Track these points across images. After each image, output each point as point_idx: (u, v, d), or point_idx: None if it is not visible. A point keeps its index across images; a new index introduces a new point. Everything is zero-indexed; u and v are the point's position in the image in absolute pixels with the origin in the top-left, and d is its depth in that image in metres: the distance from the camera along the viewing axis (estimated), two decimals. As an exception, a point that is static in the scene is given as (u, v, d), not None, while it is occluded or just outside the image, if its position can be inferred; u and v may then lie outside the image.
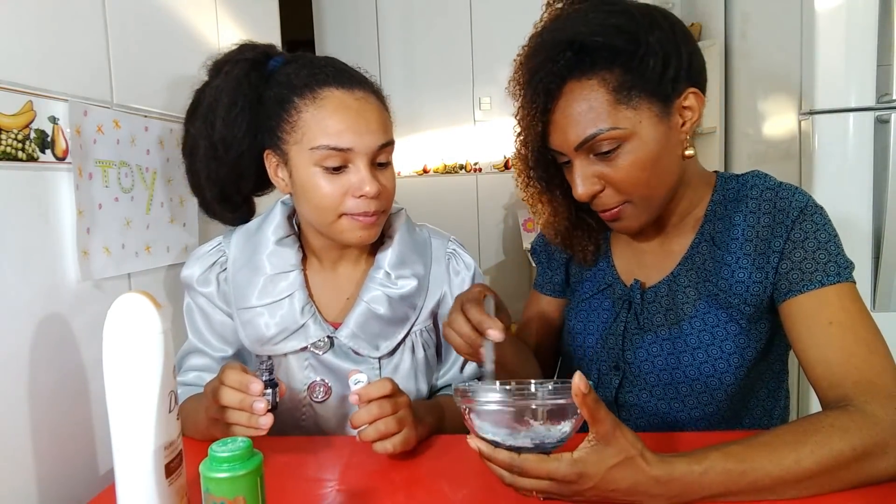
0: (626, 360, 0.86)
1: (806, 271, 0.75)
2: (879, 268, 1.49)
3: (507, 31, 2.80)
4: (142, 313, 0.59)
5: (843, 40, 1.48)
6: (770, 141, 1.86)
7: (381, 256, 0.94)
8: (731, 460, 0.61)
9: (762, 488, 0.61)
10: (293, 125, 0.85)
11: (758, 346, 0.81)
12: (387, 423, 0.74)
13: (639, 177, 0.76)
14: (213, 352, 0.95)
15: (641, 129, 0.75)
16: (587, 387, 0.56)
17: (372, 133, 0.84)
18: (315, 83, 0.85)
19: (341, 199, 0.84)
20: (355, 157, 0.84)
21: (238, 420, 0.72)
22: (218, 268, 0.95)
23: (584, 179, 0.78)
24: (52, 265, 0.85)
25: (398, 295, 0.92)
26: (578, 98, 0.75)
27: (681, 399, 0.83)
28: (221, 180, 0.93)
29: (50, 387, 0.83)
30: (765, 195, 0.80)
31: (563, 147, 0.78)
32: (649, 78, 0.75)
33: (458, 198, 2.97)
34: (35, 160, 0.82)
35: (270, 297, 0.91)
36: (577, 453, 0.59)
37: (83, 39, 0.93)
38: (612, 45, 0.74)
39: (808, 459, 0.61)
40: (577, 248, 0.93)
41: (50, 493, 0.82)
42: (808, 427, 0.64)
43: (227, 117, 0.88)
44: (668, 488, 0.60)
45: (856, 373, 0.69)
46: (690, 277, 0.84)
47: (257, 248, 0.93)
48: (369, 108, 0.86)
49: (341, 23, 2.95)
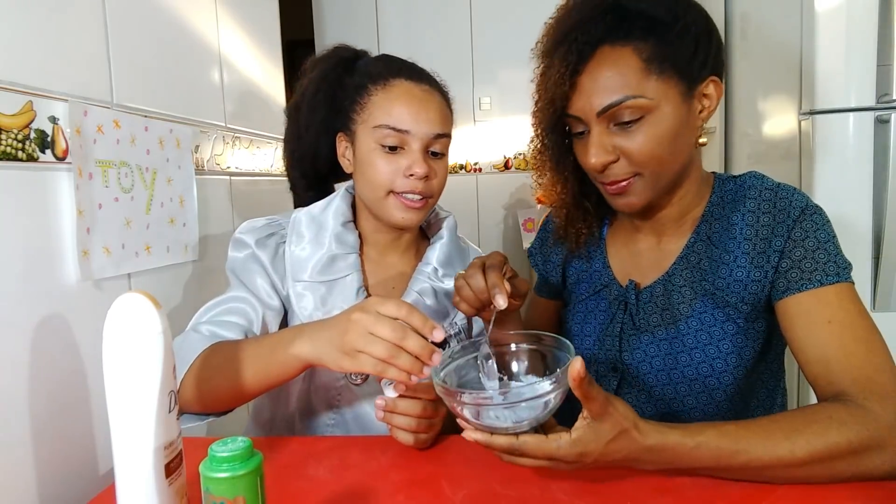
0: (624, 361, 0.86)
1: (805, 270, 0.75)
2: (879, 268, 1.49)
3: (507, 31, 2.81)
4: (142, 313, 0.59)
5: (843, 40, 1.48)
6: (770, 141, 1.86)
7: (430, 253, 1.00)
8: (725, 439, 0.63)
9: (753, 469, 0.63)
10: (363, 106, 0.93)
11: (755, 346, 0.81)
12: (419, 424, 0.76)
13: (654, 151, 0.76)
14: (258, 300, 0.91)
15: (665, 105, 0.75)
16: (584, 369, 0.57)
17: (430, 122, 0.91)
18: (389, 73, 0.93)
19: (393, 176, 0.90)
20: (411, 140, 0.90)
21: (403, 363, 0.65)
22: (277, 238, 0.96)
23: (599, 148, 0.77)
24: (52, 265, 0.85)
25: (444, 290, 0.98)
26: (609, 63, 0.75)
27: (680, 399, 0.83)
28: (301, 159, 1.02)
29: (50, 387, 0.83)
30: (764, 195, 0.80)
31: (585, 111, 0.77)
32: (681, 55, 0.75)
33: (458, 198, 2.97)
34: (35, 160, 0.82)
35: (329, 274, 0.94)
36: (574, 433, 0.60)
37: (83, 39, 0.93)
38: (653, 14, 0.75)
39: (803, 449, 0.62)
40: (570, 230, 0.93)
41: (50, 493, 0.82)
42: (806, 416, 0.65)
43: (312, 103, 0.98)
44: (659, 456, 0.62)
45: (854, 371, 0.69)
46: (686, 277, 0.84)
47: (321, 228, 0.97)
48: (432, 100, 0.93)
49: (341, 23, 2.95)
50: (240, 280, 0.93)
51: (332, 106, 0.97)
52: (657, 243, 0.89)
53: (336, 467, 0.77)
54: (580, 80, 0.77)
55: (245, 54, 1.53)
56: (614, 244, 0.95)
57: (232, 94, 1.44)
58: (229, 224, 1.40)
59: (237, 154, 1.47)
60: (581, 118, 0.78)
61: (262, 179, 1.61)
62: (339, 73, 0.97)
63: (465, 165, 2.96)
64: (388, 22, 2.90)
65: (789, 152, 1.66)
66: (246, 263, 0.94)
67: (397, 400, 0.75)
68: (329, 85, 0.97)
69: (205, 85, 1.32)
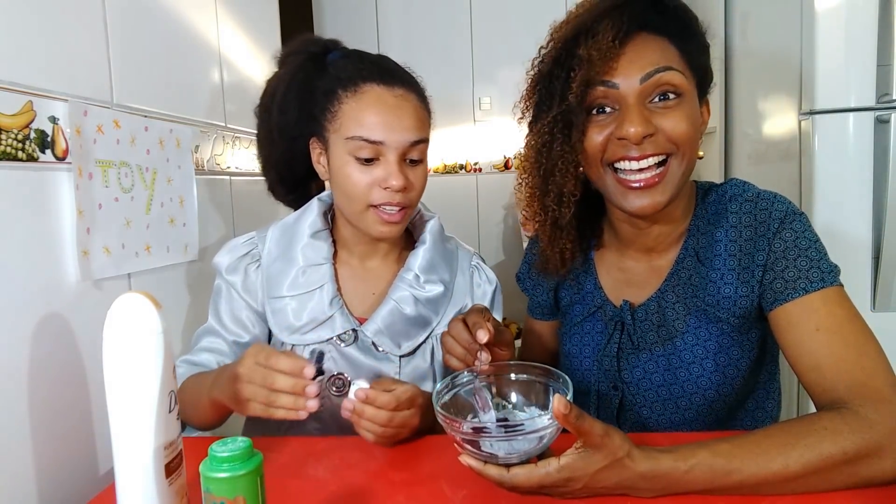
0: (624, 379, 0.87)
1: (789, 280, 0.75)
2: (879, 268, 1.49)
3: (507, 31, 2.81)
4: (142, 313, 0.59)
5: (843, 40, 1.47)
6: (770, 141, 1.86)
7: (412, 259, 0.97)
8: (718, 459, 0.62)
9: (748, 487, 0.62)
10: (334, 115, 0.89)
11: (751, 355, 0.81)
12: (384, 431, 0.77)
13: (686, 131, 0.77)
14: (227, 334, 0.96)
15: (692, 97, 0.79)
16: (566, 407, 0.57)
17: (405, 129, 0.88)
18: (359, 77, 0.89)
19: (369, 189, 0.88)
20: (386, 151, 0.88)
21: (284, 403, 0.72)
22: (248, 259, 0.98)
23: (639, 117, 0.76)
24: (52, 265, 0.85)
25: (425, 298, 0.95)
26: (651, 42, 0.78)
27: (681, 412, 0.83)
28: (277, 163, 0.99)
29: (50, 386, 0.83)
30: (744, 208, 0.80)
31: (629, 77, 0.76)
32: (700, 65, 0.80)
33: (458, 198, 2.97)
34: (35, 160, 0.82)
35: (302, 287, 0.94)
36: (563, 459, 0.60)
37: (83, 39, 0.93)
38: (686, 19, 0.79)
39: (797, 463, 0.61)
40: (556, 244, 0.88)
41: (50, 493, 0.82)
42: (800, 429, 0.64)
43: (282, 105, 0.94)
44: (653, 483, 0.62)
45: (847, 376, 0.69)
46: (678, 293, 0.84)
47: (292, 241, 0.97)
48: (406, 106, 0.89)
49: (341, 23, 2.95)
50: (214, 309, 0.98)
51: (303, 109, 0.93)
52: (647, 261, 0.89)
53: (336, 467, 0.77)
54: (623, 51, 0.77)
55: (245, 54, 1.53)
56: (603, 264, 0.94)
57: (232, 94, 1.44)
58: (229, 224, 1.40)
59: (237, 154, 1.47)
60: (620, 89, 0.77)
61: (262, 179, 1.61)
62: (308, 72, 0.93)
63: (465, 165, 2.96)
64: (388, 22, 2.90)
65: (789, 152, 1.66)
66: (218, 294, 0.98)
67: (365, 407, 0.76)
68: (298, 86, 0.93)
69: (205, 85, 1.32)
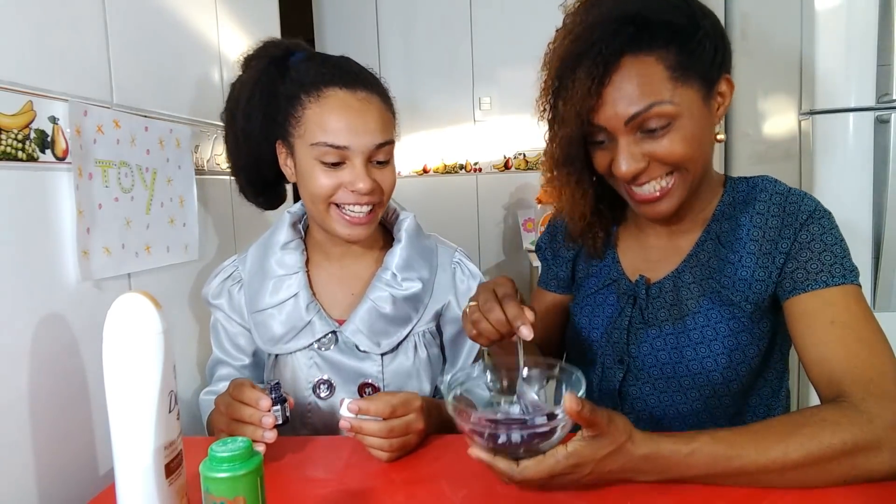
0: (631, 353, 0.87)
1: (811, 271, 0.76)
2: (879, 268, 1.49)
3: (507, 31, 2.81)
4: (142, 313, 0.59)
5: (843, 40, 1.48)
6: (770, 141, 1.86)
7: (388, 258, 0.98)
8: (719, 445, 0.63)
9: (748, 474, 0.63)
10: (298, 120, 0.90)
11: (760, 345, 0.81)
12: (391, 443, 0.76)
13: (684, 152, 0.77)
14: (233, 361, 1.03)
15: (688, 110, 0.76)
16: (578, 404, 0.58)
17: (370, 133, 0.88)
18: (321, 82, 0.89)
19: (334, 191, 0.90)
20: (352, 155, 0.88)
21: (245, 433, 0.75)
22: (231, 281, 1.02)
23: (629, 156, 0.77)
24: (52, 265, 0.85)
25: (403, 296, 0.96)
26: (634, 73, 0.75)
27: (683, 392, 0.84)
28: (244, 167, 0.99)
29: (50, 387, 0.83)
30: (774, 199, 0.81)
31: (613, 122, 0.77)
32: (702, 61, 0.77)
33: (458, 198, 2.97)
34: (35, 160, 0.82)
35: (278, 298, 0.96)
36: (570, 446, 0.61)
37: (83, 39, 0.93)
38: (675, 23, 0.75)
39: (796, 452, 0.62)
40: (588, 237, 0.94)
41: (50, 493, 0.82)
42: (800, 419, 0.65)
43: (246, 109, 0.94)
44: (654, 465, 0.63)
45: (855, 372, 0.69)
46: (695, 274, 0.85)
47: (266, 255, 0.99)
48: (370, 109, 0.89)
49: (341, 23, 2.95)
50: (216, 340, 1.05)
51: (267, 114, 0.93)
52: (668, 240, 0.90)
53: (336, 467, 0.77)
54: (606, 91, 0.76)
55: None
56: (625, 240, 0.96)
57: (232, 94, 1.43)
58: (229, 224, 1.40)
59: (237, 154, 1.47)
60: (607, 128, 0.78)
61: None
62: (271, 76, 0.93)
63: (465, 165, 2.96)
64: (388, 22, 2.90)
65: (789, 152, 1.66)
66: (215, 325, 1.05)
67: (363, 422, 0.75)
68: (262, 91, 0.93)
69: (205, 85, 1.32)
